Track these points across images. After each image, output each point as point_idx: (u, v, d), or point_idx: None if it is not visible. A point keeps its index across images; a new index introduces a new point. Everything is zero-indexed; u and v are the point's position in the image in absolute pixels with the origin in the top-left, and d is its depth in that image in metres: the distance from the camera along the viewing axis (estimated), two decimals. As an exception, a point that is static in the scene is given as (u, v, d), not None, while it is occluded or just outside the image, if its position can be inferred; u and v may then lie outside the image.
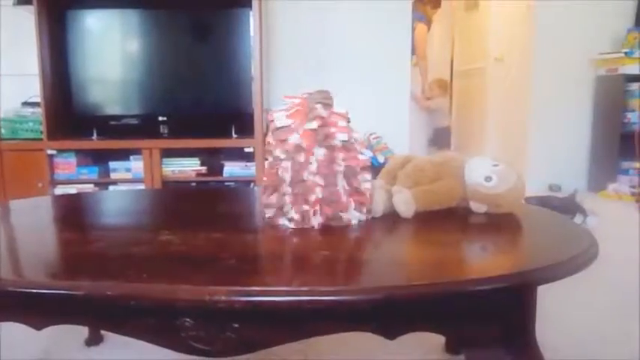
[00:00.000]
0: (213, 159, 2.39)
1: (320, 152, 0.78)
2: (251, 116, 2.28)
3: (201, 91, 2.34)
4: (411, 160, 0.97)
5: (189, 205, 1.05)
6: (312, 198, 0.78)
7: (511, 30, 3.45)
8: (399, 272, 0.63)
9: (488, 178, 0.87)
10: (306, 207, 0.78)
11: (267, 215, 0.82)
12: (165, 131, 2.35)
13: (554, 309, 1.33)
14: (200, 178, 2.33)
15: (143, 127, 2.31)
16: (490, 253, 0.72)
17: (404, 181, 0.93)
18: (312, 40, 2.76)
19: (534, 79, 3.13)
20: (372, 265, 0.66)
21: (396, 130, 2.81)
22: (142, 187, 2.27)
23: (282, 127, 0.79)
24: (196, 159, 2.35)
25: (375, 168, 1.30)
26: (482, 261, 0.69)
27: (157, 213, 1.03)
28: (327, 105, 0.80)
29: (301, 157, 0.78)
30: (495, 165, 0.89)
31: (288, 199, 0.79)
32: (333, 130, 0.79)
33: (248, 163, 2.35)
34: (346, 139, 0.79)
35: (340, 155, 0.79)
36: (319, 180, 0.78)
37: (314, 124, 0.78)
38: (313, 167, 0.78)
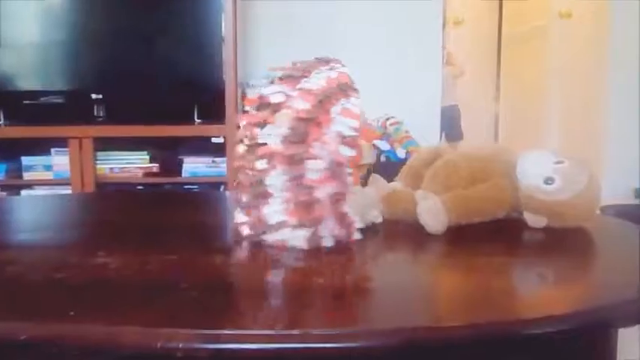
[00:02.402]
0: (167, 153, 2.39)
1: (334, 130, 0.78)
2: (221, 93, 2.28)
3: (151, 59, 2.34)
4: (442, 155, 0.98)
5: (135, 217, 1.05)
6: (318, 202, 0.78)
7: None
8: (424, 308, 0.64)
9: (549, 180, 0.87)
10: (307, 217, 0.78)
11: (245, 232, 0.82)
12: (101, 114, 2.35)
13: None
14: (150, 180, 2.33)
15: (70, 109, 2.31)
16: (551, 283, 0.72)
17: (432, 183, 0.93)
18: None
19: (612, 41, 3.14)
20: (388, 299, 0.66)
21: (422, 113, 2.82)
22: (67, 191, 2.27)
23: (269, 95, 0.79)
24: (144, 153, 2.36)
25: (392, 165, 1.31)
26: (540, 294, 0.69)
27: (89, 227, 1.02)
28: (291, 78, 0.80)
29: (305, 136, 0.77)
30: (559, 162, 0.89)
31: (282, 205, 0.79)
32: (339, 117, 0.79)
33: (217, 159, 2.35)
34: (355, 128, 0.79)
35: (345, 151, 0.79)
36: (330, 174, 0.78)
37: (321, 80, 0.78)
38: (324, 154, 0.78)
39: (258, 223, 0.80)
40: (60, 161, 2.29)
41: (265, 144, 0.78)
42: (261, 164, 0.79)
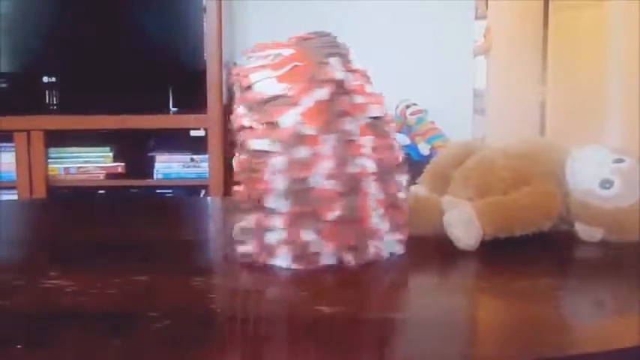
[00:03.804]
0: (135, 149, 2.40)
1: (332, 140, 0.79)
2: (201, 75, 2.29)
3: (116, 34, 2.35)
4: (475, 152, 0.98)
5: (95, 229, 1.06)
6: (329, 217, 0.78)
7: None
8: (456, 345, 0.64)
9: (606, 183, 0.87)
10: (309, 236, 0.79)
11: (240, 250, 0.82)
12: (54, 102, 2.35)
13: None
14: (113, 182, 2.34)
15: (15, 95, 2.32)
16: (610, 311, 0.72)
17: (463, 187, 0.93)
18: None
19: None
20: (412, 332, 0.66)
21: (450, 101, 2.81)
22: (13, 197, 2.27)
23: (271, 99, 0.80)
24: (107, 149, 2.36)
25: (413, 164, 1.30)
26: (597, 325, 0.69)
27: (39, 241, 1.03)
28: (342, 57, 0.81)
29: (302, 151, 0.78)
30: (619, 160, 0.89)
31: (278, 221, 0.79)
32: (359, 99, 0.80)
33: (196, 157, 2.35)
34: (380, 114, 0.81)
35: (368, 143, 0.80)
36: (338, 186, 0.79)
37: (322, 94, 0.79)
38: (327, 166, 0.78)
39: (258, 241, 0.81)
40: (4, 160, 2.30)
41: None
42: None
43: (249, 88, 0.81)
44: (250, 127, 0.80)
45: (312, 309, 0.70)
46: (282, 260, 0.80)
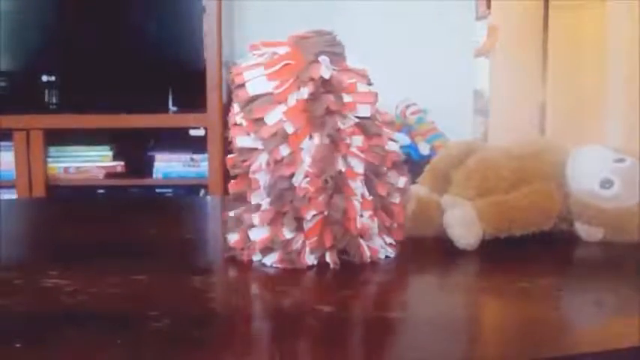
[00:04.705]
0: (135, 149, 2.40)
1: (315, 139, 0.79)
2: (201, 75, 2.29)
3: (116, 33, 2.35)
4: (476, 151, 0.98)
5: (94, 228, 1.06)
6: (309, 217, 0.78)
7: None
8: (454, 344, 0.64)
9: (606, 183, 0.87)
10: (290, 234, 0.79)
11: (230, 243, 0.83)
12: (54, 101, 2.35)
13: None
14: (113, 182, 2.34)
15: (15, 94, 2.32)
16: (610, 310, 0.72)
17: (463, 187, 0.93)
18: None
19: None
20: (409, 333, 0.66)
21: (451, 100, 2.82)
22: (12, 196, 2.27)
23: (259, 97, 0.80)
24: (106, 148, 2.37)
25: (413, 164, 1.31)
26: (597, 326, 0.69)
27: (38, 241, 1.03)
28: (336, 56, 0.81)
29: (284, 150, 0.78)
30: (619, 160, 0.89)
31: (261, 218, 0.80)
32: (348, 99, 0.80)
33: (196, 156, 2.35)
34: (368, 114, 0.80)
35: (356, 142, 0.80)
36: (320, 186, 0.78)
37: (304, 93, 0.78)
38: (306, 165, 0.78)
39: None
40: (3, 159, 2.30)
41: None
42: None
43: (242, 85, 0.81)
44: (240, 125, 0.81)
45: (312, 308, 0.70)
46: (265, 258, 0.81)
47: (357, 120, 0.80)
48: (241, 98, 0.81)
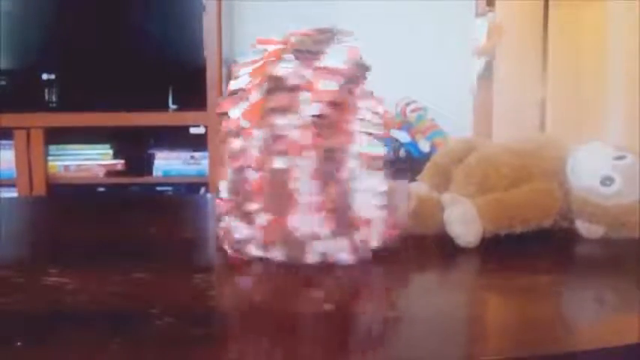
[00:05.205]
0: (135, 147, 2.40)
1: (262, 134, 0.80)
2: (201, 73, 2.29)
3: (116, 32, 2.34)
4: (477, 148, 0.98)
5: (95, 226, 1.06)
6: (253, 209, 0.80)
7: None
8: (455, 341, 0.64)
9: (607, 180, 0.87)
10: (237, 225, 0.80)
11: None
12: (54, 99, 2.35)
13: None
14: (113, 180, 2.34)
15: (15, 93, 2.32)
16: (610, 308, 0.72)
17: (464, 184, 0.93)
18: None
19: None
20: (409, 331, 0.66)
21: (451, 97, 2.81)
22: (13, 194, 2.27)
23: (234, 92, 0.83)
24: (106, 146, 2.36)
25: (414, 161, 1.31)
26: (597, 322, 0.69)
27: (38, 239, 1.03)
28: (309, 54, 0.81)
29: (238, 143, 0.81)
30: (620, 157, 0.89)
31: (223, 209, 0.82)
32: (304, 96, 0.80)
33: (196, 154, 2.35)
34: (317, 112, 0.79)
35: (305, 140, 0.80)
36: (264, 181, 0.79)
37: (263, 90, 0.80)
38: (253, 159, 0.80)
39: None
40: (3, 157, 2.30)
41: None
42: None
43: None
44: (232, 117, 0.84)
45: (313, 306, 0.70)
46: (227, 248, 0.83)
47: (311, 118, 0.79)
48: (227, 93, 0.84)
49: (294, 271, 0.79)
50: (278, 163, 0.79)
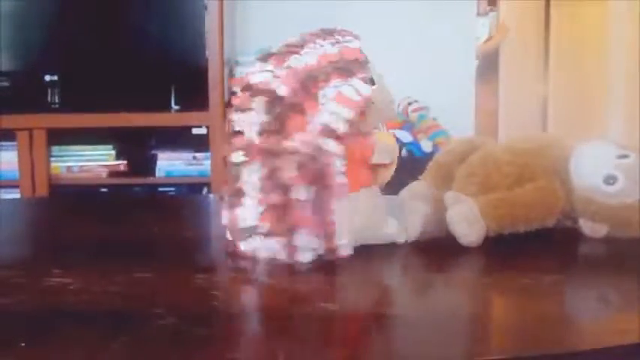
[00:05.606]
0: (138, 147, 2.40)
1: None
2: (203, 73, 2.29)
3: (118, 32, 2.35)
4: (479, 148, 0.98)
5: (98, 226, 1.06)
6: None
7: None
8: (458, 338, 0.64)
9: (610, 179, 0.87)
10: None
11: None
12: (56, 100, 2.35)
13: None
14: (116, 180, 2.34)
15: (17, 94, 2.32)
16: (614, 306, 0.72)
17: (466, 183, 0.93)
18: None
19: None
20: (412, 329, 0.66)
21: (453, 97, 2.81)
22: (15, 195, 2.27)
23: (251, 75, 0.83)
24: (109, 147, 2.36)
25: (416, 161, 1.31)
26: (601, 322, 0.69)
27: (41, 239, 1.03)
28: (279, 58, 0.82)
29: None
30: (623, 156, 0.89)
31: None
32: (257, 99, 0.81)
33: (198, 154, 2.35)
34: (262, 114, 0.80)
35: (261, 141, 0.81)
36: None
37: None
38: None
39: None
40: (6, 158, 2.30)
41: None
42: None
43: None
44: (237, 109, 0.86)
45: (316, 306, 0.70)
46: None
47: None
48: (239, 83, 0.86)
49: (296, 271, 0.79)
50: (234, 158, 0.82)
